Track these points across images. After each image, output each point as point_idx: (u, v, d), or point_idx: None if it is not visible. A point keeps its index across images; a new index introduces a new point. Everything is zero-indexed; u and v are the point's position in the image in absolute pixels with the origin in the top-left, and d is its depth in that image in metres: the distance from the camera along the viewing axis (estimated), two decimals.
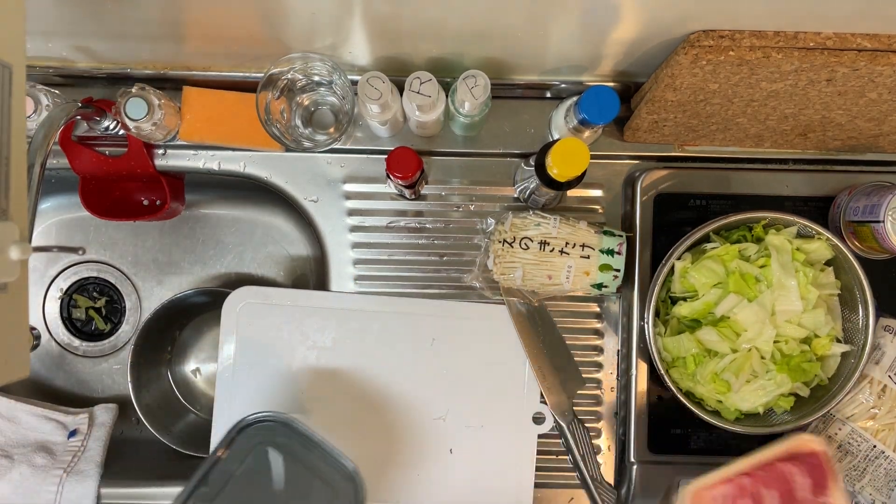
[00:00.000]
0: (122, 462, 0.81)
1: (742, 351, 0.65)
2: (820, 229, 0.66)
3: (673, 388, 0.67)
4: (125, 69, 0.74)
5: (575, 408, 0.77)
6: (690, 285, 0.67)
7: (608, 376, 0.78)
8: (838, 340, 0.68)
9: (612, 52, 0.66)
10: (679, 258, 0.68)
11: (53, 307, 0.91)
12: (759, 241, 0.68)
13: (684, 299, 0.68)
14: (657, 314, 0.70)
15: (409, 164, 0.66)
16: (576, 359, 0.78)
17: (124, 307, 0.91)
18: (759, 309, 0.64)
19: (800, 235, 0.68)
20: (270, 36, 0.65)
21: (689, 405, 0.67)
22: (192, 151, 0.78)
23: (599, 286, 0.72)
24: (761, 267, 0.66)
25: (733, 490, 0.61)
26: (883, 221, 0.66)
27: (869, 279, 0.66)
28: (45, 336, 0.91)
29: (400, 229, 0.78)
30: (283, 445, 0.64)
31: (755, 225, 0.69)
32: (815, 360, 0.67)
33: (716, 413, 0.69)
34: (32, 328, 0.88)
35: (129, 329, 0.91)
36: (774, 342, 0.65)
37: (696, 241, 0.69)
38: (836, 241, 0.66)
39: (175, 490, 0.78)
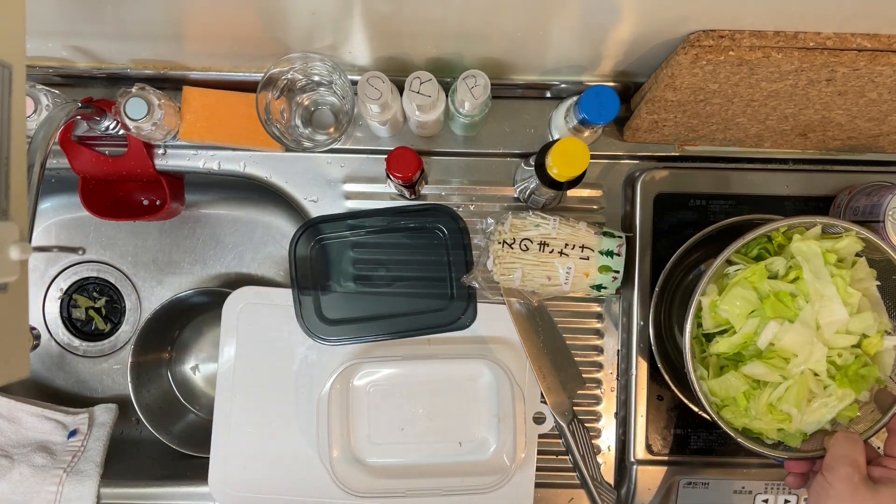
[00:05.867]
0: (122, 462, 0.81)
1: (794, 377, 0.60)
2: (847, 225, 0.61)
3: (730, 431, 0.62)
4: (125, 69, 0.74)
5: (575, 408, 0.77)
6: (724, 319, 0.62)
7: (608, 376, 0.78)
8: (888, 333, 0.63)
9: (612, 52, 0.66)
10: (703, 293, 0.62)
11: (53, 307, 0.91)
12: (780, 248, 0.63)
13: (719, 334, 0.63)
14: (693, 354, 0.64)
15: (409, 164, 0.66)
16: (576, 359, 0.78)
17: (124, 307, 0.91)
18: (804, 328, 0.58)
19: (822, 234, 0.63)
20: (270, 36, 0.65)
21: (748, 444, 0.62)
22: (192, 151, 0.78)
23: (598, 287, 0.72)
24: (793, 281, 0.60)
25: None
26: (883, 221, 0.66)
27: None
28: (45, 336, 0.91)
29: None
30: None
31: (773, 233, 0.63)
32: (870, 362, 0.62)
33: (778, 444, 0.64)
34: (32, 328, 0.88)
35: (129, 329, 0.91)
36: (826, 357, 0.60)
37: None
38: (865, 233, 0.61)
39: (175, 490, 0.78)
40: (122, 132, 0.75)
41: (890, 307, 0.63)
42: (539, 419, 0.76)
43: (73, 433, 0.80)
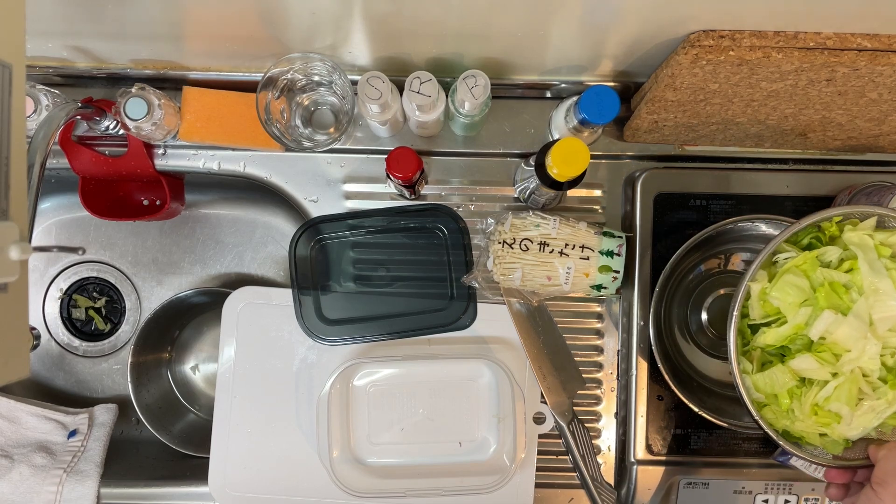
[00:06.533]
0: (122, 462, 0.81)
1: (844, 375, 0.56)
2: None
3: (771, 433, 0.59)
4: (125, 69, 0.74)
5: (575, 408, 0.77)
6: (774, 308, 0.58)
7: (608, 376, 0.78)
8: None
9: (612, 52, 0.66)
10: (753, 279, 0.59)
11: (53, 307, 0.91)
12: (832, 239, 0.60)
13: (766, 324, 0.59)
14: (736, 346, 0.61)
15: (409, 164, 0.66)
16: (576, 359, 0.78)
17: (124, 307, 0.91)
18: (857, 322, 0.55)
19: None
20: (270, 36, 0.65)
21: (793, 451, 0.59)
22: (192, 151, 0.78)
23: (598, 287, 0.72)
24: (847, 272, 0.57)
25: None
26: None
27: None
28: (45, 336, 0.91)
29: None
30: None
31: (825, 223, 0.60)
32: None
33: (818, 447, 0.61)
34: (32, 328, 0.88)
35: (129, 329, 0.91)
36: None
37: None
38: None
39: (175, 490, 0.78)
40: (122, 132, 0.75)
41: None
42: (539, 419, 0.76)
43: (73, 433, 0.80)
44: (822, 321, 0.55)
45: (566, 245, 0.71)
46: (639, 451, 0.74)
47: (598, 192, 0.78)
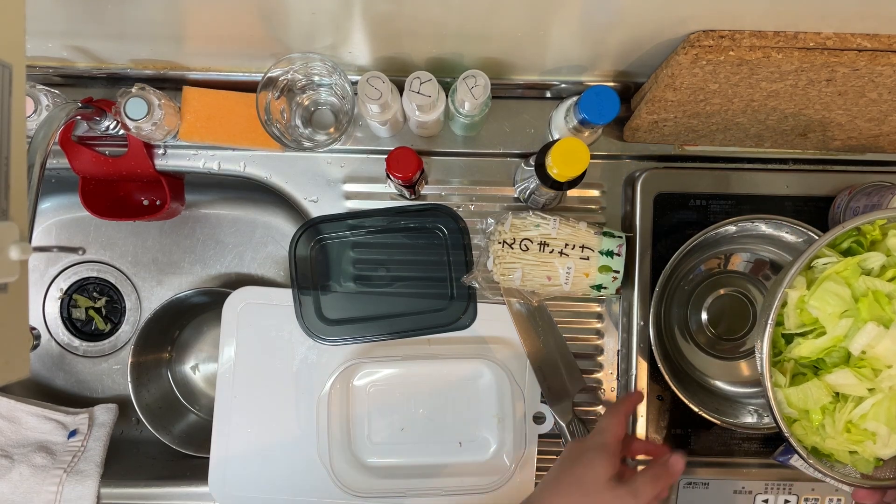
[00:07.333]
0: (122, 462, 0.81)
1: (883, 392, 0.53)
2: None
3: (800, 451, 0.56)
4: (125, 69, 0.74)
5: (575, 408, 0.77)
6: (811, 318, 0.54)
7: (608, 376, 0.78)
8: None
9: (612, 52, 0.66)
10: (790, 285, 0.55)
11: (53, 307, 0.91)
12: (873, 244, 0.57)
13: (801, 335, 0.56)
14: (769, 356, 0.57)
15: (409, 164, 0.66)
16: (576, 359, 0.78)
17: (124, 307, 0.91)
18: None
19: None
20: (270, 36, 0.65)
21: (821, 470, 0.56)
22: (192, 151, 0.78)
23: (598, 287, 0.72)
24: (889, 280, 0.53)
25: None
26: None
27: None
28: (45, 336, 0.91)
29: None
30: None
31: (866, 226, 0.56)
32: None
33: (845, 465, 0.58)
34: (32, 328, 0.88)
35: (129, 329, 0.91)
36: None
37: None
38: None
39: (175, 490, 0.78)
40: (122, 132, 0.75)
41: None
42: (539, 419, 0.76)
43: (73, 433, 0.80)
44: (865, 334, 0.52)
45: (566, 245, 0.71)
46: None
47: (597, 192, 0.78)
